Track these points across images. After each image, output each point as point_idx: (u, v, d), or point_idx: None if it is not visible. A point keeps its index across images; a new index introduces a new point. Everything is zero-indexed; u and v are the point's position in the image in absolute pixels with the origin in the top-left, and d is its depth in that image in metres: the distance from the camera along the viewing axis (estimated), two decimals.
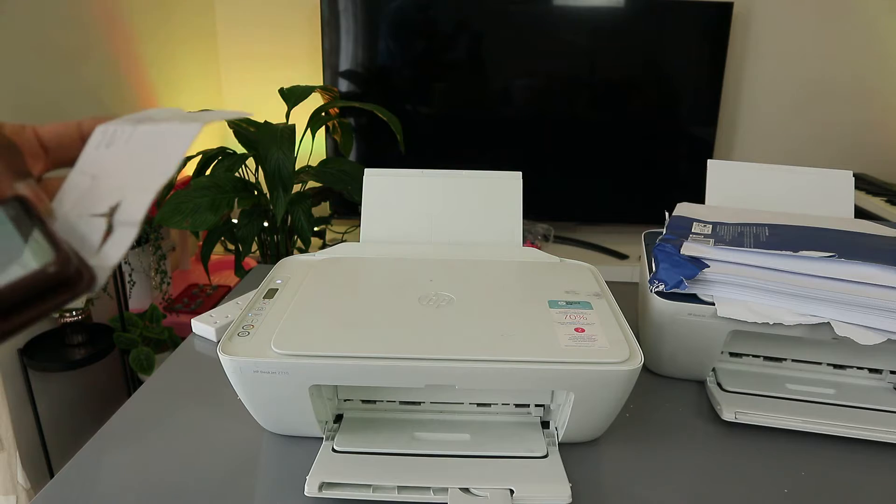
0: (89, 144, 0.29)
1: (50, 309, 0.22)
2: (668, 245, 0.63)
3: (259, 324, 0.51)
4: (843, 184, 0.76)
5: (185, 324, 1.56)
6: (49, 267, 0.22)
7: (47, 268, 0.22)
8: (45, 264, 0.22)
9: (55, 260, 0.22)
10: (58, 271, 0.22)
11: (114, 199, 0.26)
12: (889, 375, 0.62)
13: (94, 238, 0.25)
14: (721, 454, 0.54)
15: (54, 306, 0.23)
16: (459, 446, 0.51)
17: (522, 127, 2.03)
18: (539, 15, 1.91)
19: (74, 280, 0.23)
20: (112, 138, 0.29)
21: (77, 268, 0.23)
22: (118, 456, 0.52)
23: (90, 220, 0.26)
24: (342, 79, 1.95)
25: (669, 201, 0.79)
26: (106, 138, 0.29)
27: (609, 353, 0.47)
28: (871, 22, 1.98)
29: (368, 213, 0.69)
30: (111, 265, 0.24)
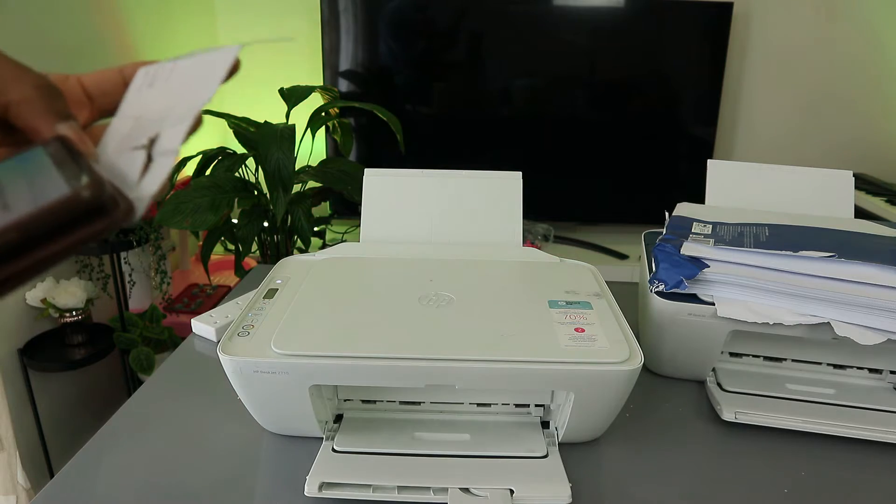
0: (131, 88, 0.29)
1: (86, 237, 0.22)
2: (668, 245, 0.63)
3: (259, 324, 0.51)
4: (843, 184, 0.76)
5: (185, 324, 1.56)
6: (83, 191, 0.21)
7: (81, 192, 0.21)
8: (79, 188, 0.21)
9: (88, 184, 0.22)
10: (91, 196, 0.21)
11: (153, 132, 0.25)
12: (889, 375, 0.62)
13: (133, 171, 0.25)
14: (721, 454, 0.54)
15: (91, 235, 0.22)
16: (459, 446, 0.51)
17: (522, 127, 2.03)
18: (539, 15, 1.91)
19: (110, 207, 0.22)
20: (153, 78, 0.28)
21: (112, 195, 0.22)
22: (118, 456, 0.52)
23: (130, 154, 0.25)
24: (342, 79, 1.95)
25: (669, 201, 0.79)
26: (147, 79, 0.29)
27: (609, 353, 0.47)
28: (871, 22, 1.98)
29: (368, 213, 0.69)
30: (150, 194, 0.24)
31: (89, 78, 0.29)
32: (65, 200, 0.21)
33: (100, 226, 0.22)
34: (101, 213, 0.22)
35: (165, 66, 0.28)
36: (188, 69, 0.27)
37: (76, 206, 0.21)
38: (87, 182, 0.22)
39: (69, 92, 0.29)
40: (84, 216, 0.21)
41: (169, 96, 0.27)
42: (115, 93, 0.29)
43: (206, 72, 0.26)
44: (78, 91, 0.29)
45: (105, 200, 0.22)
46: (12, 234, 0.20)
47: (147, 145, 0.25)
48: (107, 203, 0.22)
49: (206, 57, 0.27)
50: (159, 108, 0.27)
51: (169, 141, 0.25)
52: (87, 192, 0.21)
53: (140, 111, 0.28)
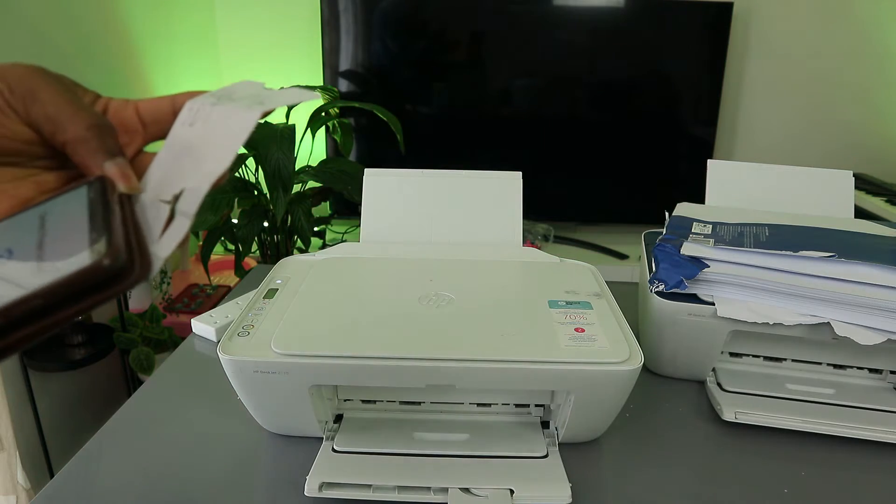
0: (178, 121, 0.31)
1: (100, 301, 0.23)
2: (668, 245, 0.63)
3: (259, 324, 0.51)
4: (843, 184, 0.76)
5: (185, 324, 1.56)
6: (103, 260, 0.23)
7: (102, 261, 0.23)
8: (100, 257, 0.23)
9: (108, 253, 0.23)
10: (110, 265, 0.23)
11: (179, 187, 0.27)
12: (889, 375, 0.62)
13: (157, 225, 0.26)
14: (721, 454, 0.54)
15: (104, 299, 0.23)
16: (459, 446, 0.51)
17: (522, 127, 2.03)
18: (539, 15, 1.91)
19: (126, 273, 0.23)
20: (195, 117, 0.30)
21: (127, 261, 0.23)
22: (118, 456, 0.52)
23: (158, 206, 0.27)
24: (342, 79, 1.95)
25: (669, 201, 0.79)
26: (190, 116, 0.30)
27: (609, 353, 0.47)
28: (870, 22, 1.98)
29: (368, 213, 0.69)
30: (164, 256, 0.25)
31: (145, 105, 0.32)
32: (85, 271, 0.23)
33: (114, 290, 0.23)
34: (117, 278, 0.23)
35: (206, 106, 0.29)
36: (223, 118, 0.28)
37: (96, 275, 0.23)
38: (107, 250, 0.23)
39: (126, 119, 0.31)
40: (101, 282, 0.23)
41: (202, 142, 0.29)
42: (165, 121, 0.31)
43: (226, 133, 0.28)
44: (134, 118, 0.31)
45: (123, 267, 0.23)
46: (37, 301, 0.22)
47: (172, 201, 0.27)
48: (124, 268, 0.23)
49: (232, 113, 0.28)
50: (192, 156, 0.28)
51: (188, 203, 0.27)
52: (107, 262, 0.23)
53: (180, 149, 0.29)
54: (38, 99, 0.28)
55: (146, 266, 0.25)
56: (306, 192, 1.60)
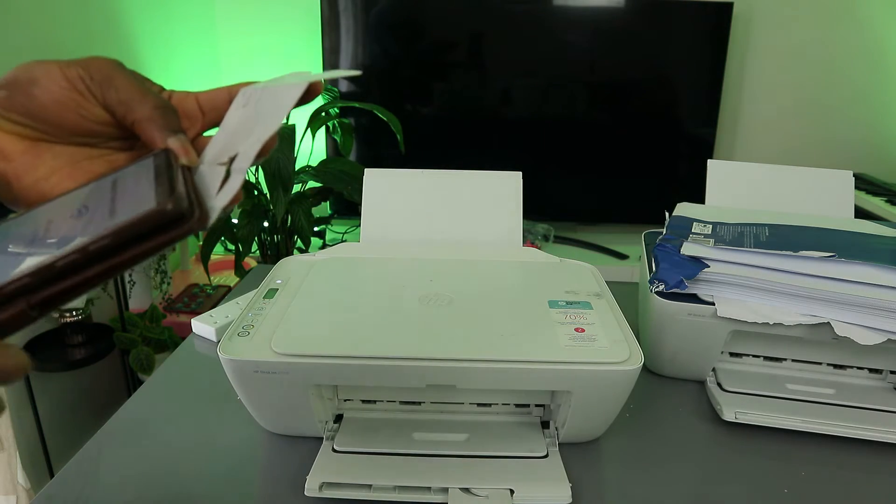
0: (233, 105, 0.34)
1: (164, 243, 0.26)
2: (668, 245, 0.63)
3: (259, 324, 0.51)
4: (843, 184, 0.76)
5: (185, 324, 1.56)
6: (167, 204, 0.25)
7: (165, 205, 0.25)
8: (164, 202, 0.26)
9: (172, 199, 0.26)
10: (173, 209, 0.25)
11: (234, 150, 0.30)
12: (889, 375, 0.62)
13: (215, 184, 0.29)
14: (721, 454, 0.54)
15: (168, 241, 0.26)
16: (459, 446, 0.51)
17: (522, 127, 2.03)
18: (539, 15, 1.91)
19: (187, 217, 0.26)
20: (248, 99, 0.33)
21: (188, 206, 0.26)
22: (118, 456, 0.52)
23: (215, 169, 0.30)
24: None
25: (669, 201, 0.79)
26: (244, 99, 0.33)
27: (609, 353, 0.47)
28: (870, 22, 1.98)
29: (368, 213, 0.69)
30: (222, 205, 0.28)
31: (204, 96, 0.35)
32: (151, 213, 0.25)
33: (176, 233, 0.26)
34: (179, 222, 0.26)
35: (258, 89, 0.32)
36: (273, 94, 0.31)
37: (160, 217, 0.25)
38: (171, 197, 0.26)
39: (187, 107, 0.35)
40: (165, 225, 0.25)
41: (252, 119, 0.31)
42: (221, 109, 0.35)
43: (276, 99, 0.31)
44: (194, 107, 0.35)
45: (184, 212, 0.26)
46: (107, 240, 0.25)
47: (228, 162, 0.30)
48: (185, 214, 0.26)
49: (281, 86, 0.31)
50: (245, 129, 0.31)
51: (241, 162, 0.30)
52: (170, 206, 0.26)
53: (234, 127, 0.33)
54: (114, 85, 0.32)
55: (204, 214, 0.27)
56: (306, 192, 1.60)
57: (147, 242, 0.25)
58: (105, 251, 0.25)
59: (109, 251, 0.25)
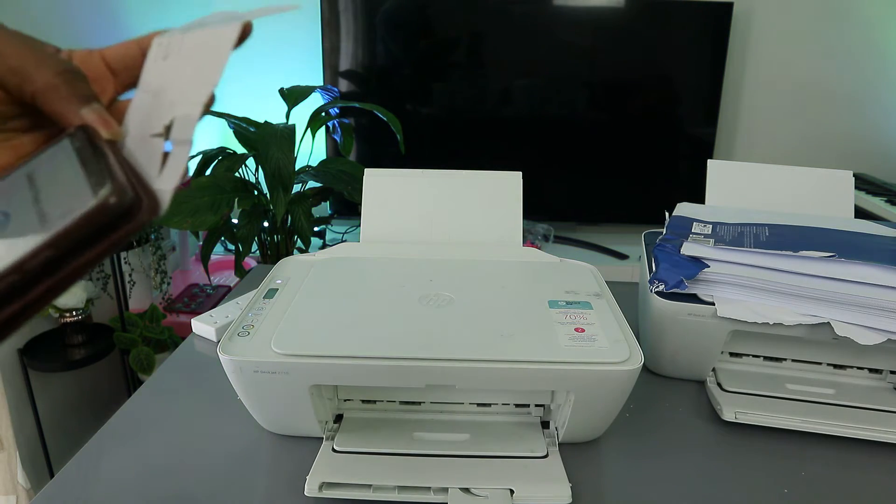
0: (148, 59, 0.29)
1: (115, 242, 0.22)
2: (668, 245, 0.63)
3: (259, 324, 0.51)
4: (843, 184, 0.76)
5: (185, 324, 1.56)
6: (109, 199, 0.22)
7: (107, 200, 0.22)
8: (104, 197, 0.22)
9: (113, 191, 0.22)
10: (117, 203, 0.22)
11: (168, 117, 0.26)
12: (889, 375, 0.62)
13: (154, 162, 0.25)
14: (721, 454, 0.54)
15: (119, 239, 0.22)
16: (459, 446, 0.51)
17: (522, 127, 2.03)
18: (539, 15, 1.91)
19: (135, 209, 0.22)
20: (167, 50, 0.29)
21: (134, 197, 0.23)
22: (118, 456, 0.52)
23: (149, 142, 0.26)
24: (342, 79, 1.95)
25: (669, 201, 0.79)
26: (162, 50, 0.29)
27: (609, 353, 0.47)
28: (870, 22, 1.98)
29: (368, 213, 0.69)
30: (171, 188, 0.24)
31: (111, 52, 0.30)
32: (93, 212, 0.22)
33: (126, 229, 0.22)
34: (127, 216, 0.22)
35: (176, 37, 0.28)
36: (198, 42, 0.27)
37: (104, 215, 0.22)
38: (112, 189, 0.22)
39: (93, 68, 0.29)
40: (112, 222, 0.22)
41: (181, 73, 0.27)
42: (135, 66, 0.30)
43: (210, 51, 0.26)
44: (101, 67, 0.30)
45: (130, 204, 0.22)
46: (49, 251, 0.21)
47: (163, 133, 0.26)
48: (132, 206, 0.22)
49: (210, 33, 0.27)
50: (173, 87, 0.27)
51: (183, 130, 0.25)
52: (113, 200, 0.22)
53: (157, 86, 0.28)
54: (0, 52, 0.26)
55: (154, 201, 0.23)
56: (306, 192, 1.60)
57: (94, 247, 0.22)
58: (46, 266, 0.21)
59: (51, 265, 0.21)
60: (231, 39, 0.26)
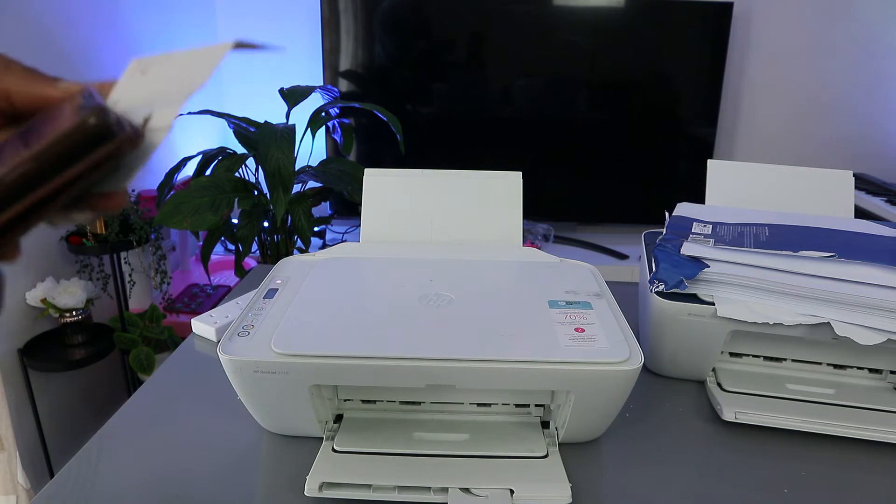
0: (124, 76, 0.30)
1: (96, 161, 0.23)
2: (668, 245, 0.64)
3: (259, 324, 0.51)
4: (843, 184, 0.76)
5: (185, 324, 1.56)
6: (89, 118, 0.23)
7: (87, 119, 0.23)
8: (85, 116, 0.23)
9: (91, 111, 0.23)
10: (97, 122, 0.23)
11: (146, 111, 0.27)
12: (889, 375, 0.62)
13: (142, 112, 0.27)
14: (721, 454, 0.54)
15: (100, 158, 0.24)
16: (459, 446, 0.51)
17: (522, 127, 2.03)
18: (539, 15, 1.91)
19: (116, 131, 0.24)
20: (146, 66, 0.30)
21: (117, 118, 0.24)
22: (118, 456, 0.52)
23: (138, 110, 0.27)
24: (342, 79, 1.95)
25: (669, 201, 0.79)
26: (140, 67, 0.30)
27: (609, 353, 0.47)
28: (870, 21, 1.98)
29: (368, 213, 0.69)
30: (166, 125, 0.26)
31: None
32: (73, 128, 0.23)
33: (106, 150, 0.24)
34: (107, 137, 0.23)
35: (159, 57, 0.30)
36: (183, 58, 0.28)
37: (84, 132, 0.23)
38: (91, 110, 0.23)
39: None
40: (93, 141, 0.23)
41: (162, 82, 0.28)
42: None
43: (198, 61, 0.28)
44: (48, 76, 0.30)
45: (110, 124, 0.23)
46: (29, 164, 0.22)
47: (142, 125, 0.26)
48: (112, 127, 0.24)
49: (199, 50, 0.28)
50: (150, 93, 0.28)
51: (161, 119, 0.26)
52: (92, 120, 0.23)
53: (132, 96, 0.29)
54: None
55: (136, 132, 0.25)
56: (306, 192, 1.60)
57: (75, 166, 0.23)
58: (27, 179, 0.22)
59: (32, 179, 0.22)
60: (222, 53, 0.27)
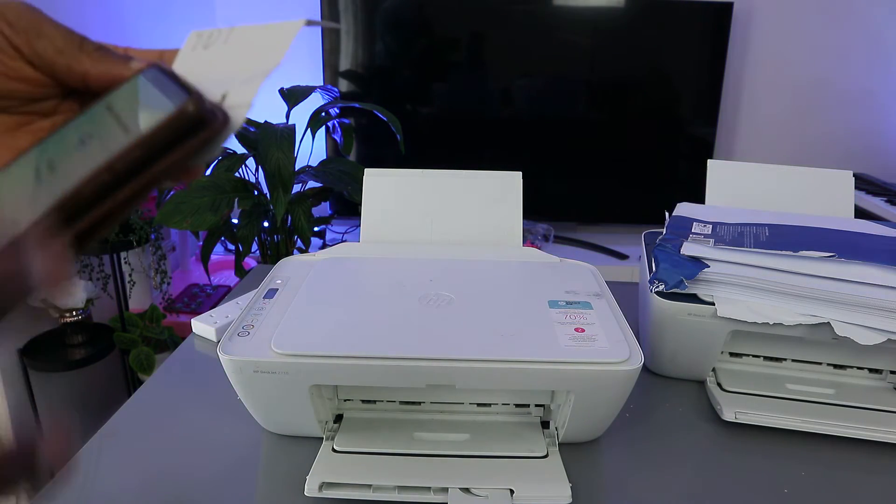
0: (184, 49, 0.30)
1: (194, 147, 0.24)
2: (668, 245, 0.64)
3: (259, 324, 0.51)
4: (843, 184, 0.76)
5: (185, 324, 1.56)
6: (188, 105, 0.24)
7: (186, 106, 0.24)
8: (184, 103, 0.24)
9: (191, 99, 0.24)
10: (195, 109, 0.24)
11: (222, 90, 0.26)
12: (889, 375, 0.62)
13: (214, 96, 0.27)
14: (721, 454, 0.54)
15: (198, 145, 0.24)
16: (459, 446, 0.51)
17: (522, 127, 2.03)
18: (539, 15, 1.91)
19: (210, 118, 0.24)
20: (208, 40, 0.30)
21: (210, 107, 0.24)
22: (118, 456, 0.52)
23: None
24: (342, 79, 1.95)
25: (669, 201, 0.79)
26: (202, 41, 0.30)
27: (609, 353, 0.47)
28: (870, 21, 1.98)
29: (368, 213, 0.69)
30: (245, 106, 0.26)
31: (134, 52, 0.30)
32: (175, 116, 0.23)
33: (202, 137, 0.24)
34: (204, 124, 0.24)
35: (221, 31, 0.29)
36: (250, 35, 0.28)
37: (184, 120, 0.23)
38: (190, 98, 0.24)
39: None
40: (190, 129, 0.24)
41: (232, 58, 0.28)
42: None
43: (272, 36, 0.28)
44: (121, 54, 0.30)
45: (206, 112, 0.24)
46: (137, 151, 0.23)
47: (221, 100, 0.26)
48: (207, 115, 0.24)
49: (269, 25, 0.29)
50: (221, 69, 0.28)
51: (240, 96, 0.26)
52: (191, 107, 0.24)
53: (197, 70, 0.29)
54: (44, 33, 0.27)
55: (226, 116, 0.25)
56: (306, 192, 1.60)
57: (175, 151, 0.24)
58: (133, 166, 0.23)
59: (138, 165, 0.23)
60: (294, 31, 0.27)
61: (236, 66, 0.28)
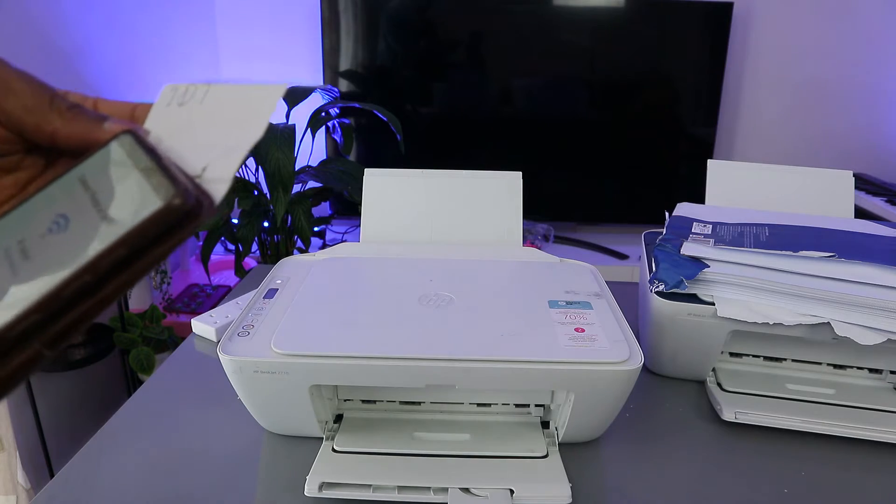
0: (159, 103, 0.29)
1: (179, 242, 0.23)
2: (668, 245, 0.64)
3: (259, 324, 0.51)
4: (843, 184, 0.76)
5: (185, 324, 1.56)
6: (174, 200, 0.22)
7: (173, 201, 0.22)
8: (169, 198, 0.22)
9: (176, 192, 0.23)
10: (182, 204, 0.22)
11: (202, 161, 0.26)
12: (889, 375, 0.62)
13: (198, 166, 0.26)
14: (721, 454, 0.54)
15: (183, 238, 0.23)
16: (459, 446, 0.51)
17: (522, 127, 2.03)
18: (539, 15, 1.91)
19: (197, 209, 0.23)
20: (183, 97, 0.29)
21: (196, 196, 0.23)
22: (118, 456, 0.52)
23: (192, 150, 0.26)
24: (342, 79, 1.95)
25: (669, 201, 0.79)
26: (177, 96, 0.29)
27: (609, 353, 0.47)
28: (870, 21, 1.98)
29: (368, 213, 0.69)
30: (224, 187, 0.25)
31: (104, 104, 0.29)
32: (161, 212, 0.22)
33: (190, 228, 0.23)
34: (190, 215, 0.23)
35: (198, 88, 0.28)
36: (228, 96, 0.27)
37: (171, 215, 0.22)
38: (176, 191, 0.23)
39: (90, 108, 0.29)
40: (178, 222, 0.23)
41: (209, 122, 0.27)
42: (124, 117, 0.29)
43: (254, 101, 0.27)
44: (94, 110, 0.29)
45: (194, 203, 0.23)
46: (121, 250, 0.22)
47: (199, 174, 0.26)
48: (195, 205, 0.23)
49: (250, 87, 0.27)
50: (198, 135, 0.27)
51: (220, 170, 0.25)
52: (177, 201, 0.22)
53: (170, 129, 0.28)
54: (13, 90, 0.26)
55: (211, 200, 0.24)
56: (306, 192, 1.60)
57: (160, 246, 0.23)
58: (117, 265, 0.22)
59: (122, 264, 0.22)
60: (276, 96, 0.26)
61: (214, 132, 0.26)
